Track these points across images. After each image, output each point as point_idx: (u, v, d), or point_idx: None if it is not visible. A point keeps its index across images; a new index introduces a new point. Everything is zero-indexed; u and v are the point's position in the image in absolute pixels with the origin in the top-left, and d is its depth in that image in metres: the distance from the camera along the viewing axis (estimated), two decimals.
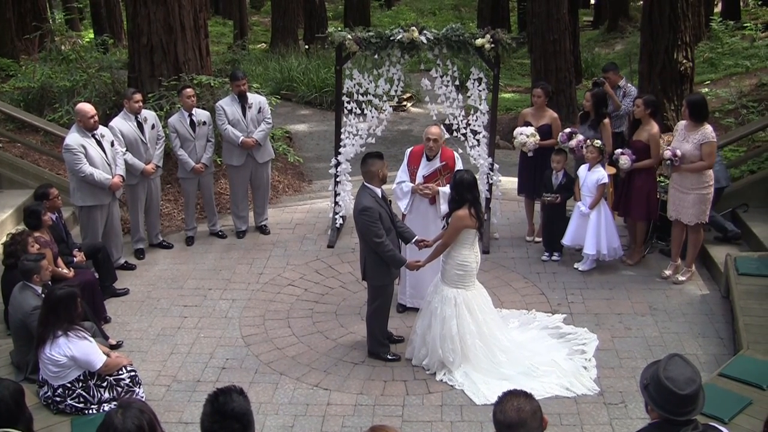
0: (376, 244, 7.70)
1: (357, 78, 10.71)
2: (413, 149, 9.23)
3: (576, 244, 10.27)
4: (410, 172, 9.09)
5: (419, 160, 9.07)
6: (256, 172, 11.37)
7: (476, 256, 7.87)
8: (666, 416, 4.08)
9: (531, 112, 11.01)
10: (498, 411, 3.89)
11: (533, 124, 10.83)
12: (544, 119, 10.86)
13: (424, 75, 11.24)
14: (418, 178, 9.03)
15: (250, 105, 11.10)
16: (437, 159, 9.01)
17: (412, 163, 9.10)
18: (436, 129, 8.99)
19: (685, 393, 4.02)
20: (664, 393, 4.05)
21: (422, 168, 9.04)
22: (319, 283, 10.09)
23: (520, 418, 3.81)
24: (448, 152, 9.10)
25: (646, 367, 4.24)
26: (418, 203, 9.09)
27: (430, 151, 8.97)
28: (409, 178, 9.08)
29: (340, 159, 11.08)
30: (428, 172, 8.98)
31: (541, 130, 10.69)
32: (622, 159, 9.80)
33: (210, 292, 9.88)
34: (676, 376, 4.06)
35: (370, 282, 8.09)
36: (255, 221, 11.75)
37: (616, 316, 9.10)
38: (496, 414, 3.90)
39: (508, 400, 3.88)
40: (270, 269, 10.48)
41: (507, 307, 9.27)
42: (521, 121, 11.05)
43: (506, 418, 3.82)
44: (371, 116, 10.92)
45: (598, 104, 10.49)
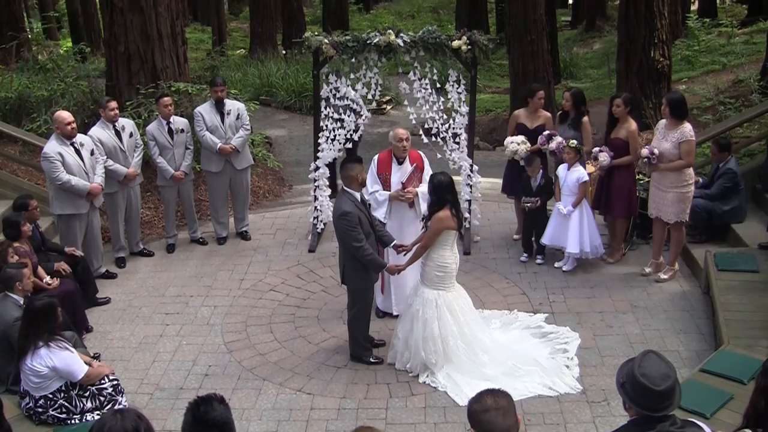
0: (355, 248, 7.72)
1: (334, 82, 10.72)
2: (380, 156, 9.22)
3: (555, 244, 10.29)
4: (382, 179, 9.08)
5: (389, 165, 9.08)
6: (235, 179, 11.36)
7: (456, 257, 7.89)
8: (643, 413, 4.11)
9: (524, 113, 10.93)
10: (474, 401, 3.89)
11: (527, 125, 10.80)
12: (538, 120, 10.82)
13: (402, 78, 11.24)
14: (395, 185, 9.04)
15: (228, 111, 11.10)
16: (407, 162, 9.05)
17: (383, 170, 9.09)
18: (403, 130, 9.06)
19: (660, 389, 4.05)
20: (640, 390, 4.07)
21: (395, 173, 9.06)
22: (301, 287, 10.09)
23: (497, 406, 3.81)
24: (414, 154, 9.17)
25: (622, 365, 4.27)
26: (397, 208, 9.09)
27: (404, 152, 8.99)
28: (381, 187, 9.08)
29: (318, 164, 11.08)
30: (405, 177, 9.01)
31: (537, 131, 10.66)
32: (601, 156, 9.84)
33: (192, 299, 9.87)
34: (651, 372, 4.09)
35: (350, 286, 8.11)
36: (235, 227, 11.74)
37: (597, 315, 9.14)
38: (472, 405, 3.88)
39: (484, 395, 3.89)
40: (251, 275, 10.47)
41: (488, 307, 9.29)
42: (513, 123, 11.02)
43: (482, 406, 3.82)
44: (349, 120, 10.92)
45: (578, 103, 10.51)
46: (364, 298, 8.14)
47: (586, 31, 28.96)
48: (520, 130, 10.80)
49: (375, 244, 8.04)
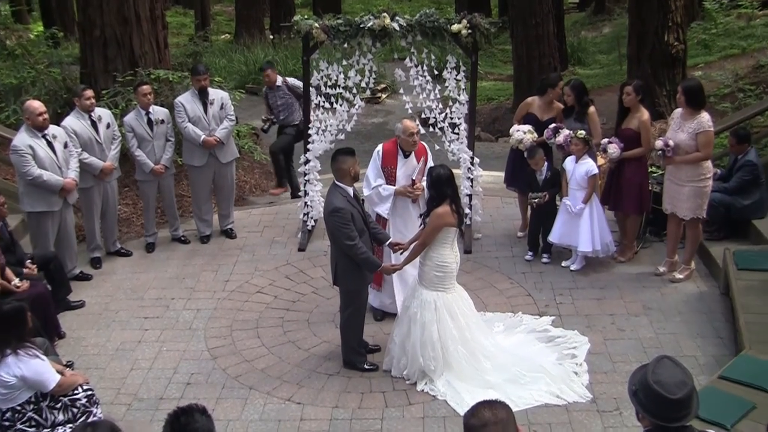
0: (348, 246, 7.69)
1: (325, 69, 10.69)
2: (384, 147, 9.18)
3: (563, 242, 10.28)
4: (386, 173, 9.07)
5: (394, 158, 9.07)
6: (220, 173, 11.34)
7: (456, 256, 7.88)
8: (658, 423, 4.08)
9: (538, 103, 10.89)
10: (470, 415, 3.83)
11: (538, 116, 10.79)
12: (551, 112, 10.82)
13: (398, 64, 11.22)
14: (401, 179, 9.03)
15: (212, 101, 11.07)
16: (413, 155, 9.05)
17: (387, 163, 9.07)
18: (412, 122, 9.03)
19: (676, 397, 4.02)
20: (654, 398, 4.05)
21: (401, 167, 9.06)
22: (290, 289, 10.06)
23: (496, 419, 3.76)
24: (419, 146, 9.16)
25: (634, 372, 4.24)
26: (401, 204, 9.08)
27: (414, 146, 9.00)
28: (385, 180, 9.07)
29: (309, 156, 11.06)
30: (415, 173, 9.02)
31: (547, 124, 10.64)
32: (611, 148, 9.82)
33: (173, 302, 9.83)
34: (666, 379, 4.06)
35: (343, 287, 8.08)
36: (220, 225, 11.71)
37: (608, 317, 9.13)
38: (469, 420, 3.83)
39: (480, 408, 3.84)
40: (237, 276, 10.45)
41: (491, 309, 9.28)
42: (523, 110, 11.01)
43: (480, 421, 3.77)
44: (341, 110, 10.90)
45: (580, 95, 10.48)
46: (358, 300, 8.12)
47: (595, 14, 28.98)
48: (529, 120, 10.80)
49: (369, 242, 8.01)
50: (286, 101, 12.92)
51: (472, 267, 10.34)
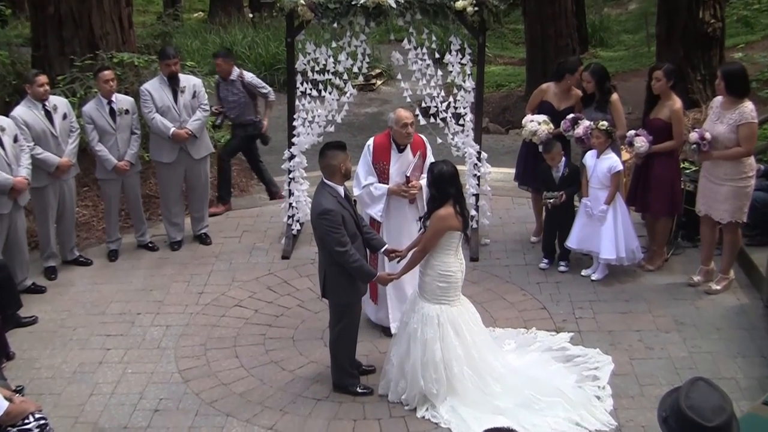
0: (338, 253, 7.67)
1: (312, 52, 10.68)
2: (376, 141, 9.16)
3: (583, 248, 10.30)
4: (378, 170, 9.05)
5: (387, 153, 9.05)
6: (192, 170, 11.36)
7: (461, 265, 7.86)
8: None
9: (554, 90, 10.91)
10: None
11: (554, 105, 10.81)
12: (569, 101, 10.83)
13: (395, 47, 11.22)
14: (395, 177, 9.01)
15: (183, 89, 11.08)
16: (408, 148, 9.03)
17: (379, 158, 9.05)
18: (407, 112, 8.99)
19: (713, 425, 4.01)
20: (687, 426, 4.03)
21: (395, 162, 9.03)
22: (273, 302, 10.07)
23: None
24: (416, 138, 9.12)
25: (665, 396, 4.23)
26: (397, 205, 9.07)
27: (408, 138, 8.96)
28: (378, 179, 9.05)
29: (294, 151, 11.07)
30: (409, 169, 8.99)
31: (565, 114, 10.64)
32: (637, 141, 9.81)
33: (139, 318, 9.82)
34: (701, 404, 4.04)
35: (332, 300, 8.07)
36: (192, 229, 11.72)
37: (634, 334, 9.13)
38: None
39: None
40: (212, 287, 10.45)
41: (501, 325, 9.28)
42: (537, 98, 11.03)
43: None
44: (331, 99, 10.90)
45: (601, 81, 10.46)
46: (350, 315, 8.10)
47: None
48: (544, 109, 10.80)
49: (363, 248, 8.01)
50: (239, 99, 12.48)
51: (479, 276, 10.34)
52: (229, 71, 12.42)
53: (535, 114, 10.73)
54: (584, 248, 10.29)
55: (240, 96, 12.42)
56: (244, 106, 12.48)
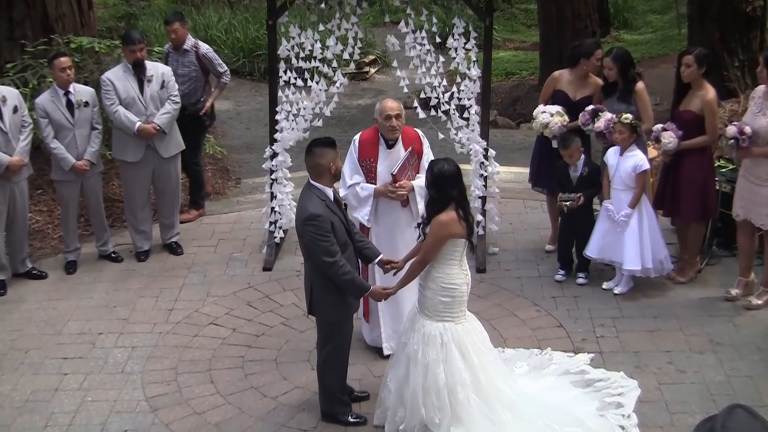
0: (327, 264, 7.65)
1: (297, 36, 10.68)
2: (362, 137, 9.18)
3: (604, 258, 10.30)
4: (365, 168, 9.05)
5: (375, 149, 9.04)
6: (161, 171, 11.36)
7: (466, 277, 7.85)
8: None
9: (569, 78, 10.93)
10: None
11: (569, 95, 10.82)
12: (586, 89, 10.84)
13: (390, 30, 11.22)
14: (383, 176, 8.99)
15: (150, 78, 11.08)
16: (399, 144, 9.02)
17: (366, 155, 9.05)
18: (394, 102, 9.00)
19: None
20: None
21: (383, 160, 9.01)
22: (253, 320, 10.08)
23: None
24: (410, 132, 9.12)
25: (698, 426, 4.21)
26: (387, 208, 9.05)
27: (393, 133, 8.93)
28: (365, 178, 9.05)
29: (276, 149, 11.08)
30: (398, 167, 8.93)
31: (582, 105, 10.65)
32: (665, 136, 9.80)
33: (100, 338, 9.81)
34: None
35: (320, 317, 8.05)
36: (162, 237, 11.74)
37: (664, 355, 9.14)
38: None
39: None
40: (184, 303, 10.46)
41: (512, 345, 9.29)
42: (550, 87, 11.05)
43: None
44: (318, 89, 10.91)
45: (624, 68, 10.45)
46: (340, 334, 8.09)
47: None
48: (558, 99, 10.81)
49: (355, 258, 8.01)
50: (190, 73, 12.33)
51: (487, 290, 10.37)
52: (184, 38, 12.34)
53: (548, 105, 10.74)
54: (605, 258, 10.30)
55: (192, 69, 12.33)
56: (195, 81, 12.37)
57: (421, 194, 8.63)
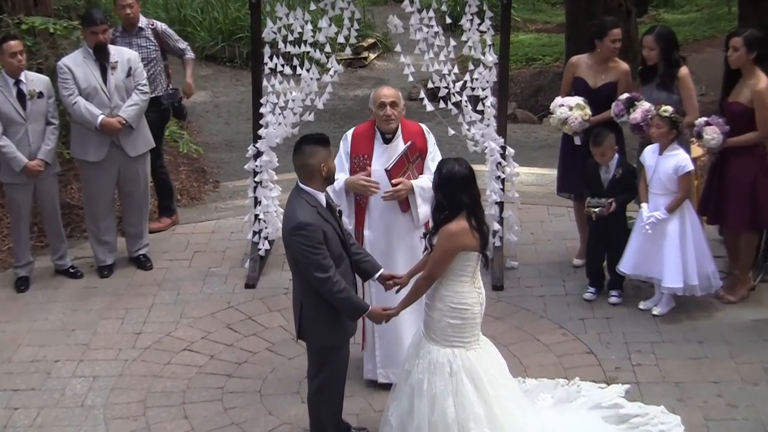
0: (319, 281, 7.61)
1: (284, 17, 10.69)
2: (356, 131, 9.16)
3: (641, 273, 10.26)
4: (358, 165, 8.99)
5: (370, 144, 9.01)
6: (127, 172, 11.36)
7: (479, 295, 7.82)
8: None
9: (587, 63, 10.93)
10: None
11: (589, 82, 10.82)
12: (608, 75, 10.83)
13: (393, 9, 11.25)
14: (378, 175, 8.90)
15: (114, 64, 11.08)
16: (398, 139, 8.98)
17: (360, 150, 9.01)
18: (390, 89, 8.98)
19: None
20: None
21: (379, 156, 8.96)
22: (234, 345, 10.09)
23: None
24: (412, 126, 9.09)
25: None
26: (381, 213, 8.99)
27: (389, 124, 8.90)
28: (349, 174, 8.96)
29: (260, 147, 11.09)
30: (393, 163, 8.81)
31: (602, 92, 10.68)
32: (708, 132, 9.78)
33: (56, 367, 9.81)
34: None
35: (312, 342, 8.02)
36: (128, 249, 11.76)
37: (711, 386, 9.13)
38: None
39: None
40: (154, 326, 10.47)
41: (534, 374, 9.29)
42: (568, 76, 11.08)
43: None
44: (309, 77, 10.91)
45: (668, 49, 10.43)
46: (334, 362, 8.06)
47: None
48: (577, 88, 10.83)
49: (351, 273, 7.98)
50: (150, 55, 12.25)
51: (504, 310, 10.38)
52: (137, 16, 12.23)
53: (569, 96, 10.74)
54: (642, 274, 10.28)
55: (151, 50, 12.29)
56: (156, 64, 12.34)
57: (424, 197, 8.65)
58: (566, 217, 11.90)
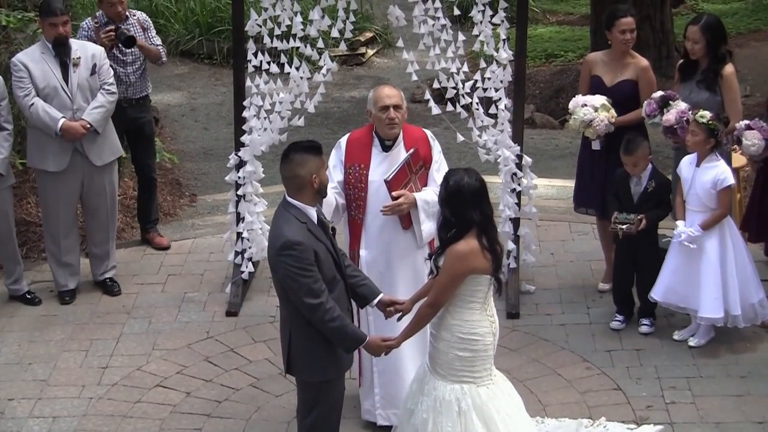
0: (310, 307, 7.59)
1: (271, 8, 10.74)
2: (351, 137, 9.15)
3: (674, 302, 10.22)
4: (354, 177, 8.97)
5: (367, 152, 9.00)
6: (92, 184, 11.37)
7: (492, 324, 7.86)
8: None
9: (603, 60, 10.97)
10: None
11: (605, 81, 10.85)
12: (624, 72, 10.85)
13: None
14: (376, 187, 8.90)
15: (76, 61, 11.10)
16: (400, 146, 8.99)
17: (355, 159, 9.00)
18: (392, 89, 8.97)
19: None
20: None
21: (378, 165, 8.94)
22: (213, 380, 10.11)
23: None
24: (414, 132, 9.11)
25: None
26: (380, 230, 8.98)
27: (392, 129, 8.89)
28: (350, 188, 8.96)
29: (243, 155, 11.15)
30: (393, 173, 8.74)
31: (619, 91, 10.71)
32: (748, 137, 9.79)
33: (11, 406, 9.83)
34: None
35: (302, 377, 8.02)
36: (93, 272, 11.78)
37: (755, 428, 9.16)
38: None
39: None
40: (122, 359, 10.49)
41: (554, 414, 9.33)
42: (585, 74, 11.13)
43: None
44: (299, 76, 10.96)
45: (714, 42, 10.43)
46: (328, 400, 8.04)
47: None
48: (594, 88, 10.85)
49: (346, 298, 7.97)
50: (134, 58, 12.29)
51: (520, 341, 10.41)
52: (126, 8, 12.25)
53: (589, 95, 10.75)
54: (676, 303, 10.22)
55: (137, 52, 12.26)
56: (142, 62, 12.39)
57: (428, 212, 8.66)
58: (590, 236, 11.92)
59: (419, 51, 10.93)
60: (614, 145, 10.55)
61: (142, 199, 12.82)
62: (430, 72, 11.00)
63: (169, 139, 15.48)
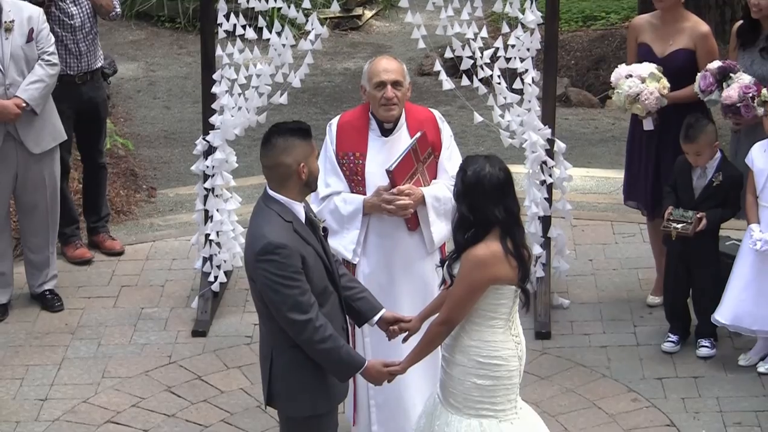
0: (296, 325, 7.55)
1: None
2: (342, 120, 9.14)
3: (748, 325, 10.17)
4: (348, 168, 8.99)
5: (363, 138, 9.01)
6: (28, 175, 11.44)
7: (518, 345, 7.88)
8: None
9: (650, 24, 10.98)
10: None
11: (655, 50, 10.85)
12: (678, 39, 10.84)
13: None
14: (375, 179, 8.90)
15: (9, 25, 11.12)
16: (402, 129, 9.01)
17: (348, 147, 9.00)
18: (391, 61, 8.95)
19: None
20: None
21: (376, 154, 8.95)
22: (177, 415, 10.13)
23: None
24: (420, 112, 9.11)
25: None
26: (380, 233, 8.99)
27: (389, 111, 8.87)
28: (346, 184, 8.96)
29: (213, 140, 11.19)
30: (397, 162, 8.68)
31: (670, 62, 10.71)
32: None
33: None
34: None
35: (285, 411, 8.00)
36: (29, 283, 11.83)
37: None
38: None
39: None
40: (65, 389, 10.51)
41: None
42: (632, 42, 11.15)
43: None
44: (281, 44, 10.99)
45: None
46: None
47: None
48: (642, 58, 10.84)
49: (340, 314, 7.95)
50: (89, 12, 12.28)
51: (552, 367, 10.45)
52: None
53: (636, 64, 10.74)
54: (748, 326, 10.19)
55: (87, 12, 12.27)
56: (94, 24, 12.39)
57: (439, 210, 8.67)
58: (638, 237, 11.93)
59: (428, 12, 10.90)
60: (668, 124, 10.57)
61: (88, 192, 12.85)
62: (441, 38, 11.02)
63: (122, 120, 15.52)
